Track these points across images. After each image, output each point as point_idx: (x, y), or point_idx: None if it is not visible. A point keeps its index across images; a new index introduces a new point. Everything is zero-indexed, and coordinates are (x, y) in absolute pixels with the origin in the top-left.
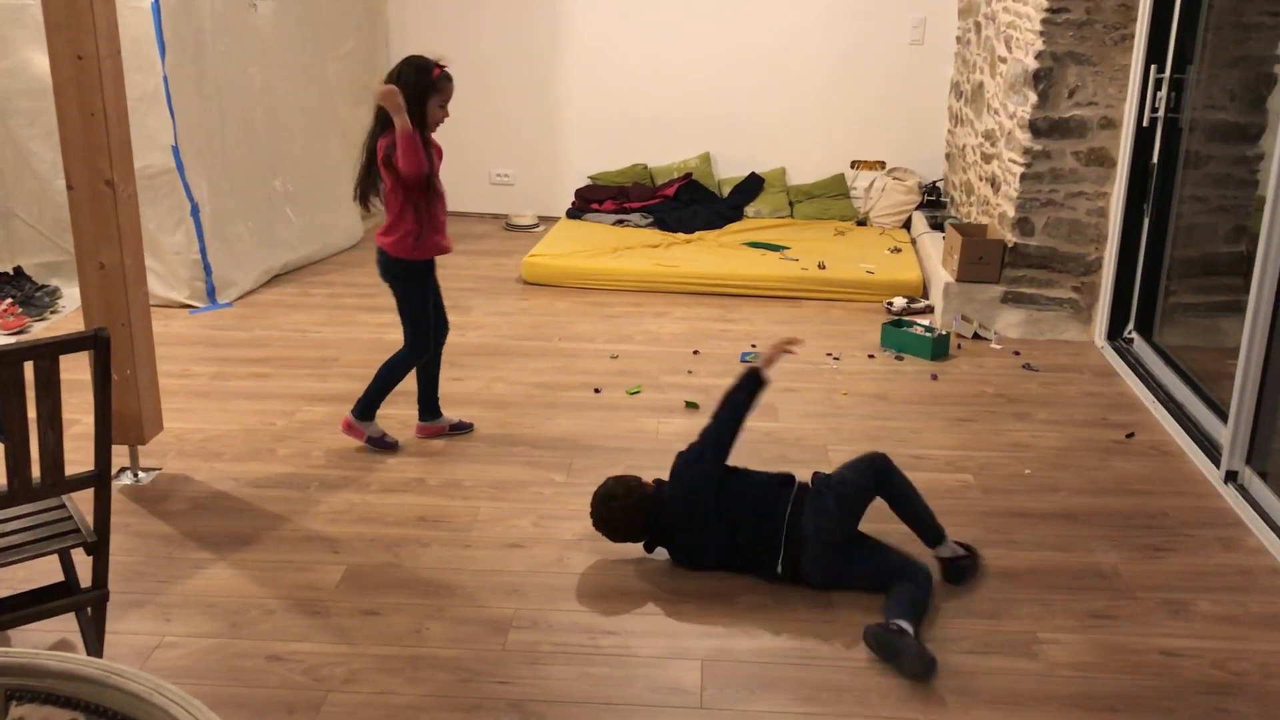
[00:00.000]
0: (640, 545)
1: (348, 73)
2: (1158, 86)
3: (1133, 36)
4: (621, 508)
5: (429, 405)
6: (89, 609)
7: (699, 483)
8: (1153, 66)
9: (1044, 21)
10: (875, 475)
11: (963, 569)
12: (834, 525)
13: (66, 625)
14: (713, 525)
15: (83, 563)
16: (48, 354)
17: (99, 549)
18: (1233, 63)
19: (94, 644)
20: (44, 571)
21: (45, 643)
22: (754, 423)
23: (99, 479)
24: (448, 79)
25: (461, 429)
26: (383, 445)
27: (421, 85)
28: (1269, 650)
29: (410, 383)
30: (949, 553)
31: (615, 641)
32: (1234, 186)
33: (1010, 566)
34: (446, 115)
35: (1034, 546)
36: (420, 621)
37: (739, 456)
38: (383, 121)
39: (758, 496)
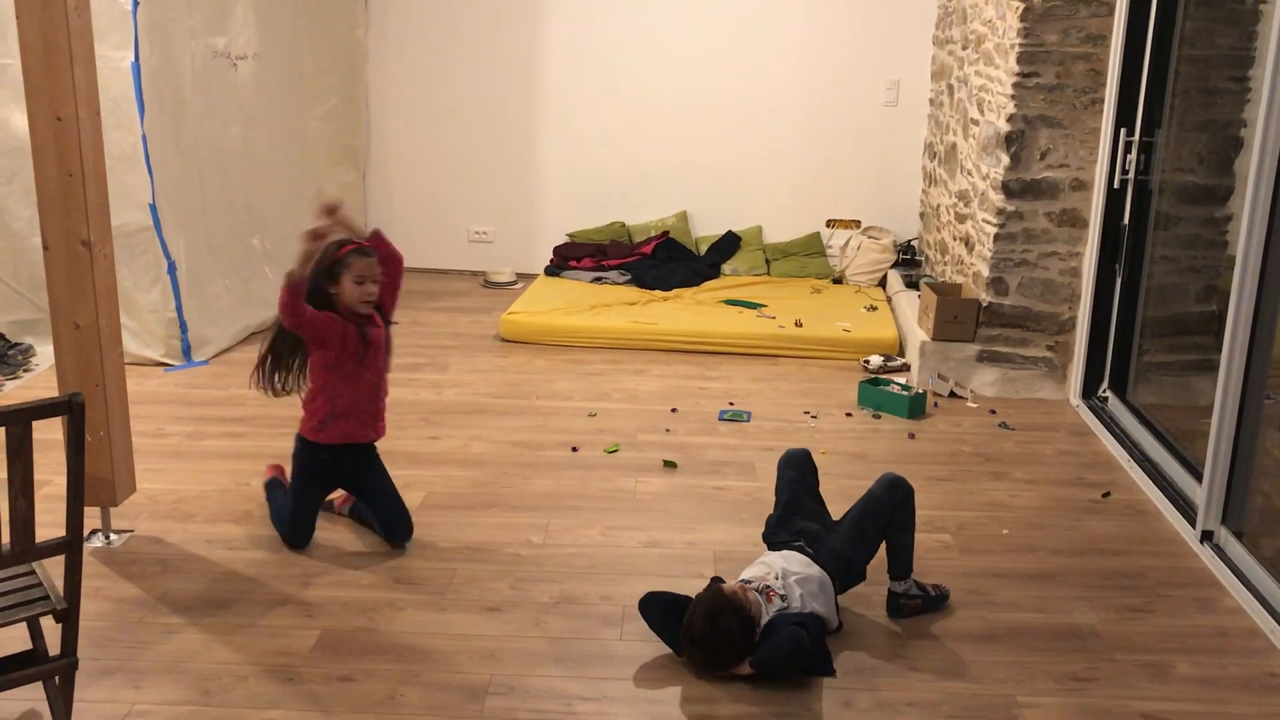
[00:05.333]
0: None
1: (327, 132)
2: (1127, 149)
3: (1103, 100)
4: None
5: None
6: (57, 678)
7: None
8: (1122, 130)
9: (1015, 85)
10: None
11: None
12: None
13: (34, 694)
14: None
15: (51, 629)
16: (20, 420)
17: (68, 616)
18: (1200, 126)
19: (61, 714)
20: (11, 639)
21: (12, 713)
22: (732, 482)
23: (70, 546)
24: (357, 254)
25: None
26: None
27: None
28: (1248, 714)
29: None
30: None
31: (593, 708)
32: (1203, 247)
33: (989, 628)
34: (368, 292)
35: (1012, 608)
36: (395, 687)
37: (717, 514)
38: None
39: None
